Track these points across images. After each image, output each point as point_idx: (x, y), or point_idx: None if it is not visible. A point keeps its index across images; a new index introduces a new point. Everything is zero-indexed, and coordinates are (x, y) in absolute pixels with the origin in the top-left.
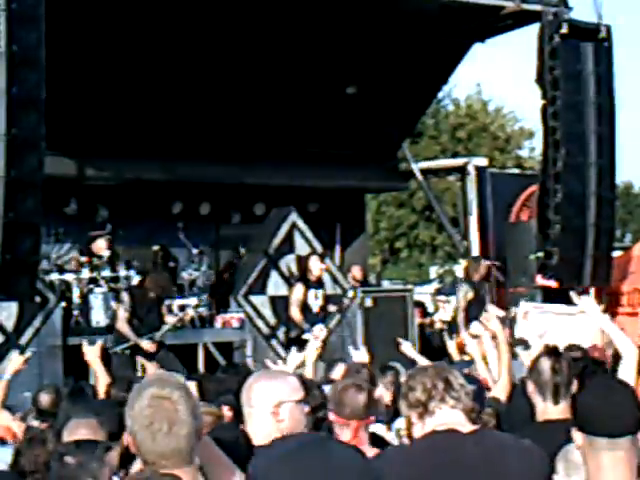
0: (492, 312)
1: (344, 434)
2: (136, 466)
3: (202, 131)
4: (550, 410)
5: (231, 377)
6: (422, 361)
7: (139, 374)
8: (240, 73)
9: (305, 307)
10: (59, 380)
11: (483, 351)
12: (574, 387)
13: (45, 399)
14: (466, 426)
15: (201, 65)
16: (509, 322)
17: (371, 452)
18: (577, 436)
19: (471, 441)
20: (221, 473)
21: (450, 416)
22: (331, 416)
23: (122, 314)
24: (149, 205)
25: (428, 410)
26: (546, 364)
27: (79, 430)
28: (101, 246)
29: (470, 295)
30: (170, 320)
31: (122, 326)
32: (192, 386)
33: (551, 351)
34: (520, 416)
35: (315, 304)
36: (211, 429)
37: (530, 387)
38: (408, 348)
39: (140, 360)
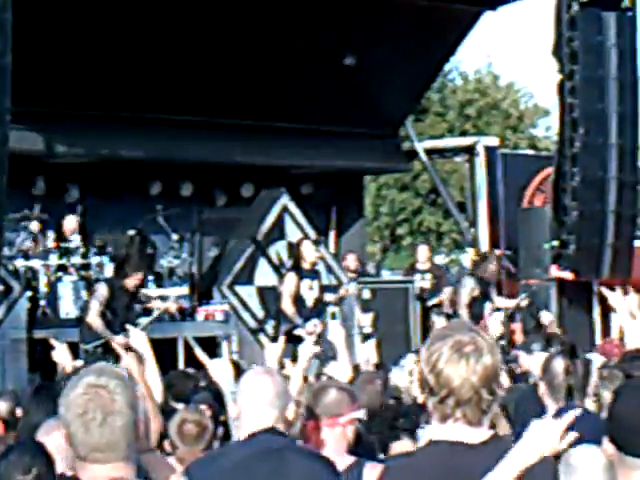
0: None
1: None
2: None
3: (184, 104)
4: None
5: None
6: None
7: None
8: (227, 40)
9: (298, 299)
10: (23, 377)
11: None
12: (591, 389)
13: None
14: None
15: (185, 31)
16: (520, 313)
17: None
18: (609, 447)
19: (477, 453)
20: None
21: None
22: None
23: (95, 307)
24: (125, 185)
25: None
26: (560, 365)
27: (54, 432)
28: (69, 227)
29: (476, 292)
30: (149, 315)
31: (94, 320)
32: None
33: (566, 351)
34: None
35: (310, 296)
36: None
37: (542, 389)
38: None
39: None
